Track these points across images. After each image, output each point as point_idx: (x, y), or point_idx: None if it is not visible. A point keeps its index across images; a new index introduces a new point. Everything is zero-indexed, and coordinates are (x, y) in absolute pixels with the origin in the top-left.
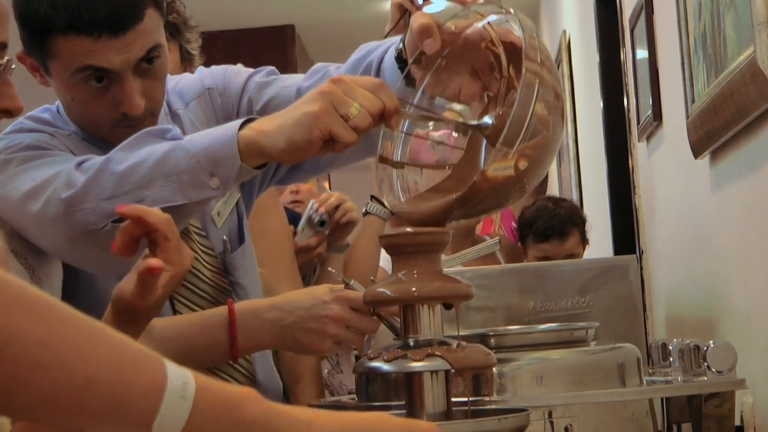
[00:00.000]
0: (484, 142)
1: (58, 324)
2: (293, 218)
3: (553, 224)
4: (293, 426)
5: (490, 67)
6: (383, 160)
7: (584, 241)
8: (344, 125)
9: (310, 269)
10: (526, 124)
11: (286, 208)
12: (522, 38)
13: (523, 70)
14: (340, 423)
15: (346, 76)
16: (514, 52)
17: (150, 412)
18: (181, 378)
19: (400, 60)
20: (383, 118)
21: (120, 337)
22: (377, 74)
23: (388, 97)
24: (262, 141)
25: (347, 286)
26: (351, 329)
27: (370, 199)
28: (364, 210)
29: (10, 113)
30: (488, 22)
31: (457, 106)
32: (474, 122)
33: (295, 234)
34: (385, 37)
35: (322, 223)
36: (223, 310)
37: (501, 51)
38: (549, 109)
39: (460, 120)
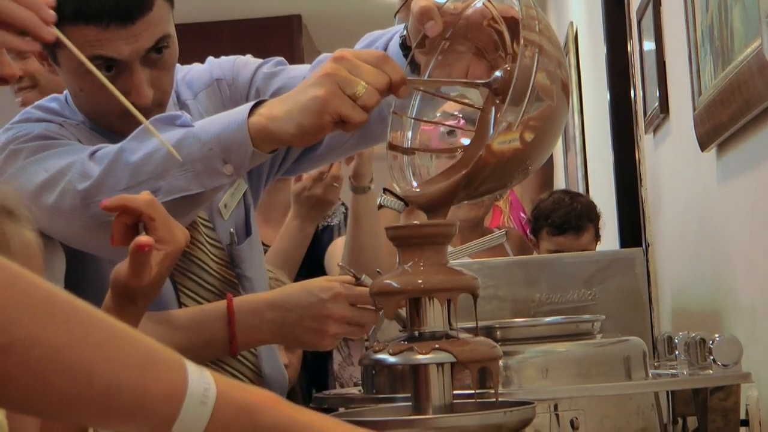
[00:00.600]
0: (492, 121)
1: (79, 327)
2: None
3: (570, 218)
4: None
5: (494, 45)
6: (393, 147)
7: (597, 237)
8: (353, 105)
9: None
10: (529, 90)
11: None
12: (519, 9)
13: (521, 40)
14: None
15: (348, 51)
16: (516, 27)
17: (170, 416)
18: (202, 383)
19: (405, 47)
20: (390, 90)
21: (142, 338)
22: None
23: (393, 68)
24: (273, 127)
25: (358, 281)
26: (352, 324)
27: (384, 192)
28: (378, 203)
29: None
30: (488, 0)
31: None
32: (481, 81)
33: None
34: (395, 16)
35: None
36: (222, 306)
37: (503, 28)
38: (551, 79)
39: (467, 101)
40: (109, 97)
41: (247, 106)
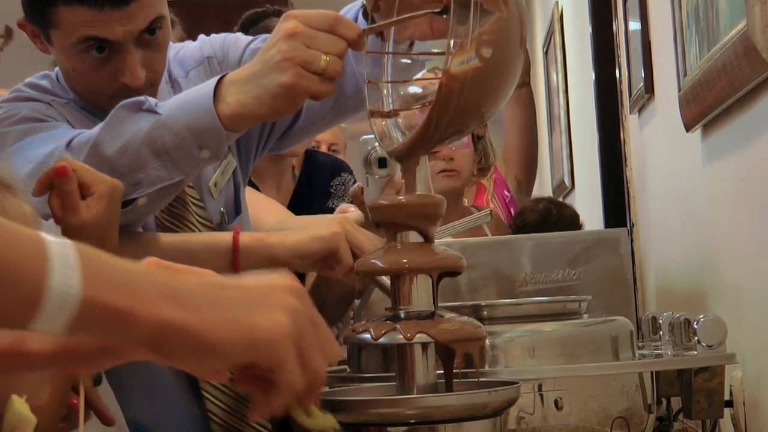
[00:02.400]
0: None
1: None
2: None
3: (548, 219)
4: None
5: None
6: (374, 114)
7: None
8: (319, 81)
9: None
10: (471, 4)
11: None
12: None
13: None
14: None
15: (299, 19)
16: None
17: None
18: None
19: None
20: (351, 47)
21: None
22: None
23: (347, 27)
24: (246, 113)
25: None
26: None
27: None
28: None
29: None
30: None
31: (435, 48)
32: (428, 11)
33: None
34: None
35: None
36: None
37: None
38: None
39: (435, 50)
40: (101, 77)
41: (208, 88)
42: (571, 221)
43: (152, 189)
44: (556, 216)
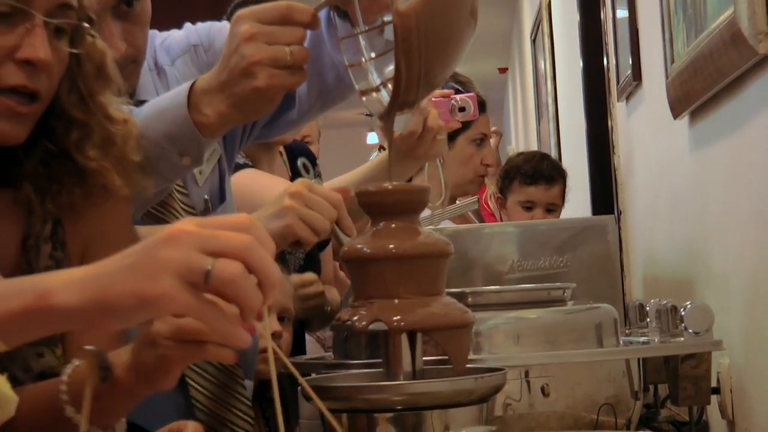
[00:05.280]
0: None
1: None
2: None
3: (542, 168)
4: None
5: None
6: (364, 93)
7: (563, 199)
8: (290, 73)
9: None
10: None
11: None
12: None
13: None
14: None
15: (255, 25)
16: None
17: None
18: None
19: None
20: (309, 29)
21: None
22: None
23: (300, 12)
24: (225, 121)
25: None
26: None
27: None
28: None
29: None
30: None
31: None
32: None
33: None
34: None
35: None
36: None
37: None
38: None
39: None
40: None
41: (181, 97)
42: (557, 165)
43: (139, 200)
44: (540, 157)
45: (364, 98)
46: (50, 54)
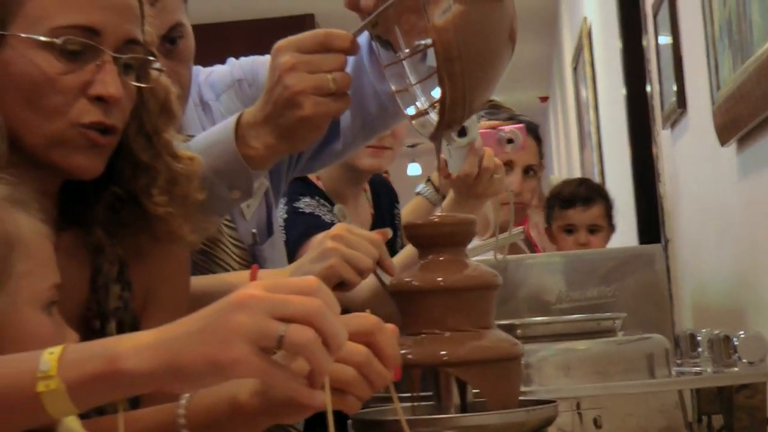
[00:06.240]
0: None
1: None
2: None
3: (578, 191)
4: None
5: None
6: (415, 117)
7: (610, 218)
8: (334, 100)
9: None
10: None
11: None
12: None
13: None
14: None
15: (295, 55)
16: None
17: None
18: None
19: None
20: (351, 51)
21: None
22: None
23: (339, 39)
24: (273, 154)
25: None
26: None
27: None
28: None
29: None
30: None
31: None
32: None
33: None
34: None
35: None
36: (246, 276)
37: None
38: None
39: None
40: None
41: (228, 132)
42: (596, 186)
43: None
44: (578, 182)
45: (413, 122)
46: (121, 90)
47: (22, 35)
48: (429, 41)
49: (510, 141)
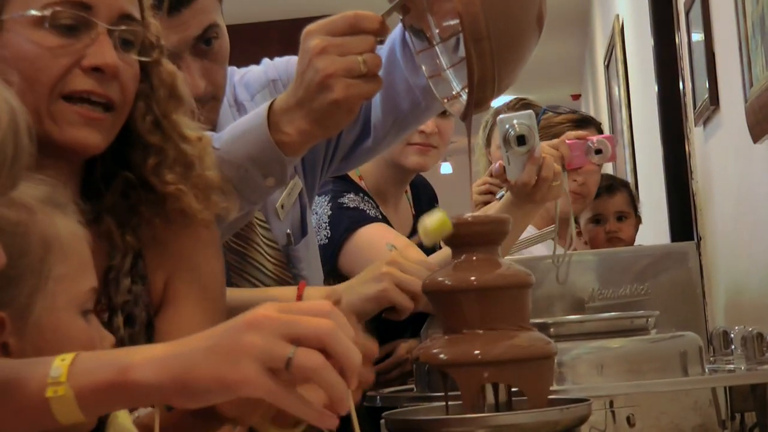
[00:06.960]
0: None
1: None
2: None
3: (600, 183)
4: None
5: None
6: (448, 102)
7: (635, 207)
8: (365, 82)
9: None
10: None
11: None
12: None
13: None
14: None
15: (325, 38)
16: None
17: None
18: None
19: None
20: (378, 36)
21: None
22: (392, 50)
23: (368, 20)
24: (307, 138)
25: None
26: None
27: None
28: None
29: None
30: None
31: None
32: None
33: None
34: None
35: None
36: (292, 291)
37: None
38: None
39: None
40: None
41: (261, 119)
42: (618, 178)
43: (225, 224)
44: (607, 180)
45: (445, 103)
46: (117, 60)
47: (16, 15)
48: (458, 21)
49: (599, 151)
